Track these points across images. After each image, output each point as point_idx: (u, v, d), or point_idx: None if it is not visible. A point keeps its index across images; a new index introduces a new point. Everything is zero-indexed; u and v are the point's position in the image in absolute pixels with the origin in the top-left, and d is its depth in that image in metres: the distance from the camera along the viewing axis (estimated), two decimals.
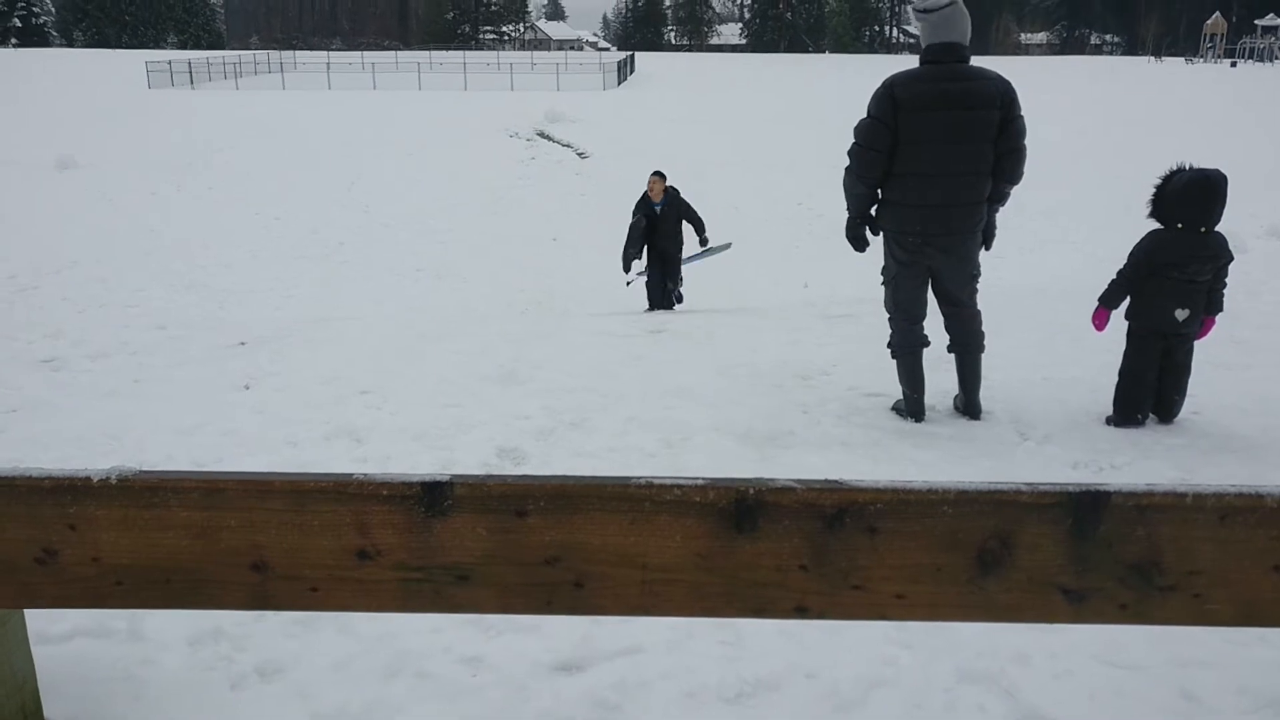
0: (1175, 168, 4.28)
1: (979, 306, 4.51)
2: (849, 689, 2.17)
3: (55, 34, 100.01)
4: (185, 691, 2.13)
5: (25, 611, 1.89)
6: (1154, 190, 4.30)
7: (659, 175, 9.19)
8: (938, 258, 4.32)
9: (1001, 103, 4.15)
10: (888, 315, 4.55)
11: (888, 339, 4.55)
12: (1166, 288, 4.25)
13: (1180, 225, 4.21)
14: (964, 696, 2.15)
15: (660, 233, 9.07)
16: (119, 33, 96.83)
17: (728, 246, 10.35)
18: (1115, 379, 4.44)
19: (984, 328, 4.54)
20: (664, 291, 9.15)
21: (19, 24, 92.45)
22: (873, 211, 4.44)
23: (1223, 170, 4.20)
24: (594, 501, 1.69)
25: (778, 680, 2.21)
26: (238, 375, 5.25)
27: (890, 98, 4.12)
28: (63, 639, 2.28)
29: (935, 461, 3.85)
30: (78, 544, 1.67)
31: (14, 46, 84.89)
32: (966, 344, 4.48)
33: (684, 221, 9.20)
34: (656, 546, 1.71)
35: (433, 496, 1.66)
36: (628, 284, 9.24)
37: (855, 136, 4.24)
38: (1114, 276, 4.41)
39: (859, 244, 4.52)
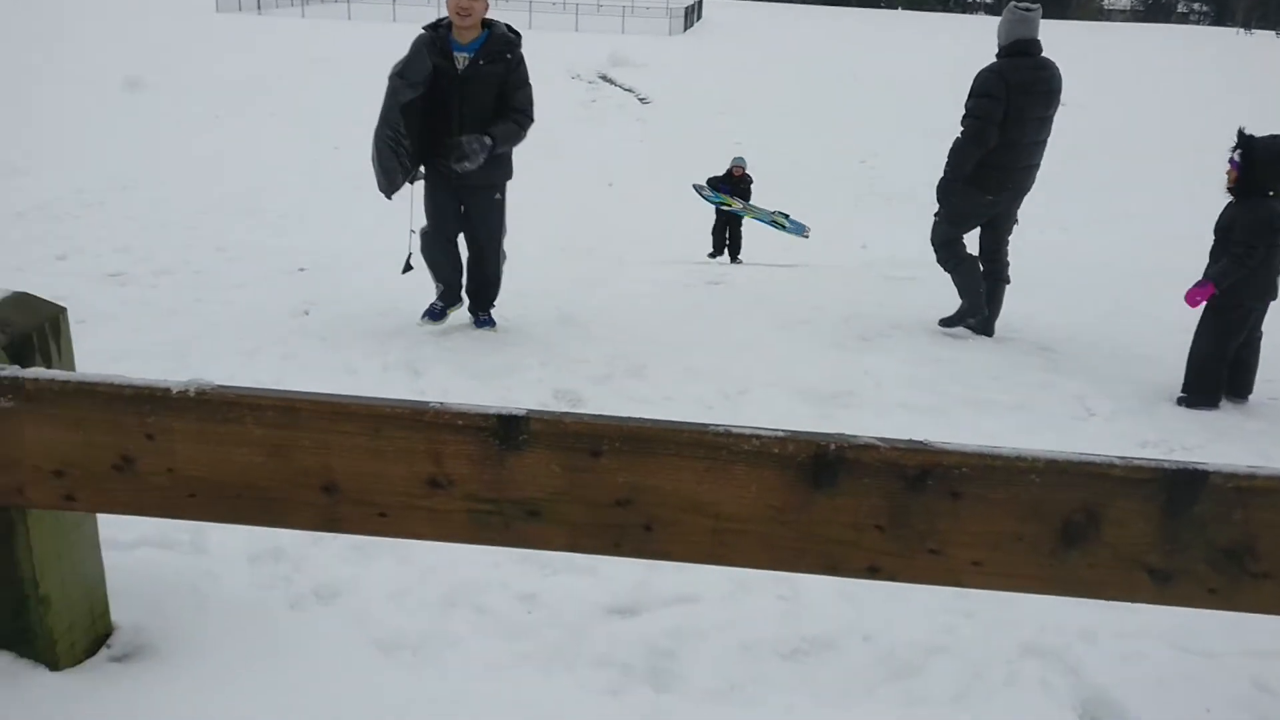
0: (1245, 134, 4.20)
1: None
2: (907, 654, 2.14)
3: None
4: (247, 607, 2.15)
5: (97, 516, 1.90)
6: (1236, 162, 4.19)
7: None
8: (1010, 207, 5.36)
9: (1062, 84, 5.24)
10: (942, 241, 5.47)
11: (942, 257, 5.47)
12: (1274, 258, 4.17)
13: (1272, 193, 4.15)
14: (1027, 671, 2.10)
15: (461, 112, 4.30)
16: None
17: (796, 229, 10.06)
18: (1185, 357, 4.33)
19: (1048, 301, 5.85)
20: (455, 259, 4.80)
21: None
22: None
23: None
24: (669, 446, 1.65)
25: (834, 640, 2.18)
26: (297, 300, 5.27)
27: (1004, 81, 5.02)
28: (129, 546, 2.31)
29: (999, 431, 3.77)
30: (154, 454, 1.67)
31: None
32: (1001, 275, 5.44)
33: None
34: (730, 496, 1.67)
35: (508, 430, 1.63)
36: (407, 266, 4.94)
37: (974, 112, 5.10)
38: (1232, 254, 4.19)
39: (953, 205, 5.37)
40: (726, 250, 10.29)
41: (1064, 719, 1.95)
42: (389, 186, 4.45)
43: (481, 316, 4.87)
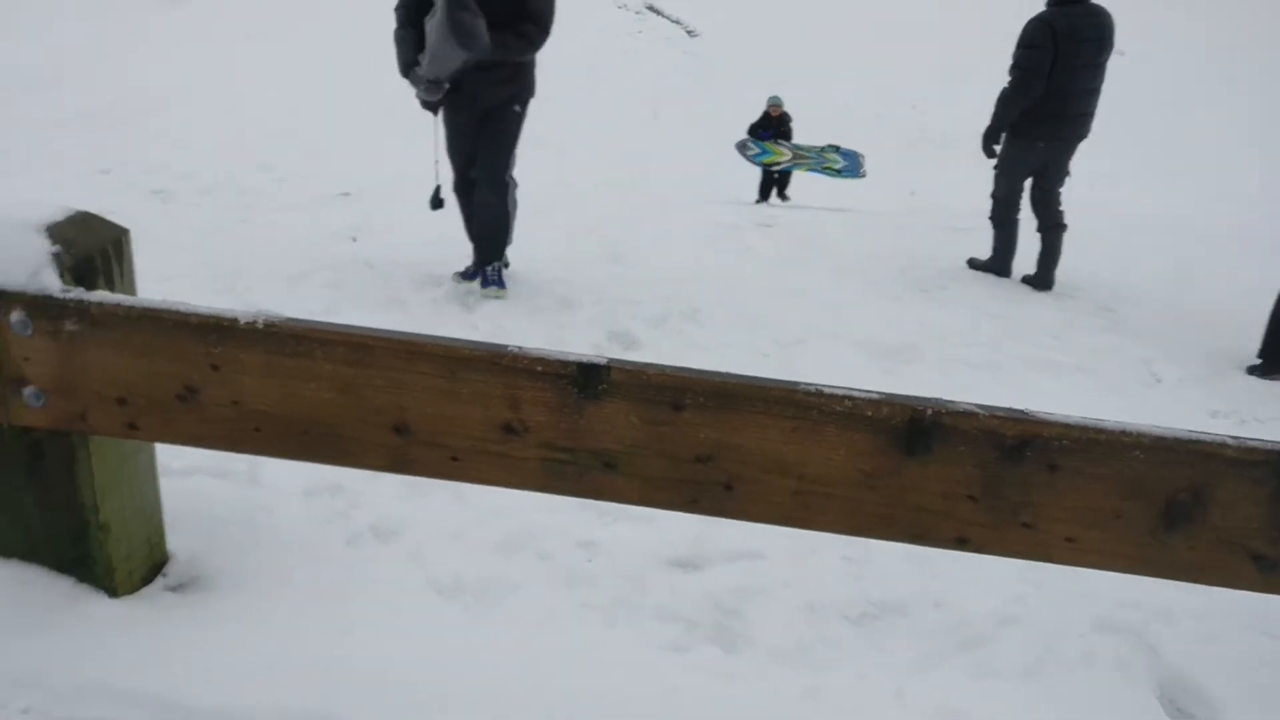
0: None
1: None
2: (979, 623, 2.07)
3: None
4: (303, 541, 2.11)
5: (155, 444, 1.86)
6: None
7: None
8: (1062, 157, 5.33)
9: (1114, 31, 5.17)
10: (1002, 196, 5.56)
11: (996, 211, 5.57)
12: None
13: None
14: (1101, 647, 2.03)
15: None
16: None
17: (851, 168, 9.76)
18: (1254, 324, 4.19)
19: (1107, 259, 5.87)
20: (469, 188, 4.25)
21: None
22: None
23: None
24: (756, 403, 1.58)
25: (904, 605, 2.11)
26: (343, 226, 5.20)
27: (1051, 30, 5.03)
28: (184, 474, 2.27)
29: (1063, 393, 3.66)
30: (219, 385, 1.61)
31: None
32: (1057, 224, 5.39)
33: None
34: (818, 458, 1.59)
35: (588, 378, 1.56)
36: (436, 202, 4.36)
37: (1020, 62, 5.13)
38: None
39: (994, 152, 5.47)
40: (775, 191, 10.13)
41: (1143, 700, 1.89)
42: (429, 76, 3.93)
43: (489, 274, 4.14)
